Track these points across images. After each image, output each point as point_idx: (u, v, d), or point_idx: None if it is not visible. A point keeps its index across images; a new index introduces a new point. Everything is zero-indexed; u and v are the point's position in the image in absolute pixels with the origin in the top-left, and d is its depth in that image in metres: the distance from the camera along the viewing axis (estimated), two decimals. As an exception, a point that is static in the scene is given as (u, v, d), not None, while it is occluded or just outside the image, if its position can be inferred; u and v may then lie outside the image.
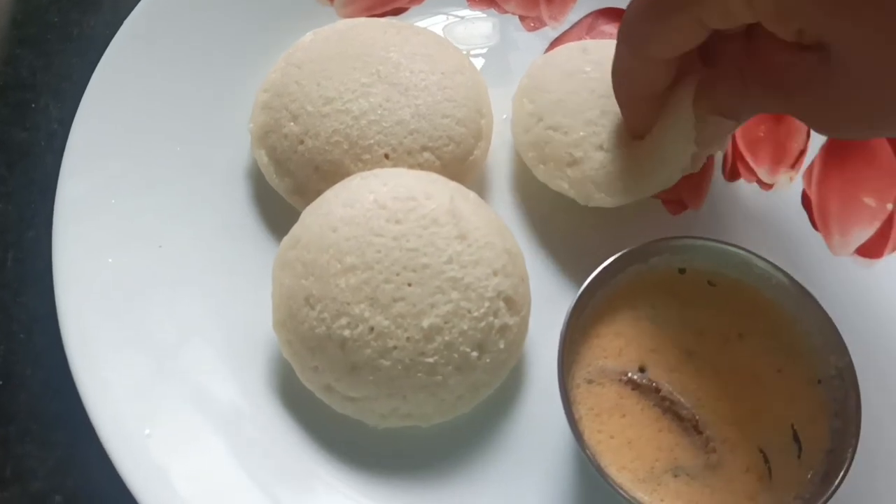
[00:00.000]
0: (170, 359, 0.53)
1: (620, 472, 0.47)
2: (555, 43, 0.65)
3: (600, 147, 0.54)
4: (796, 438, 0.48)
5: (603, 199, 0.54)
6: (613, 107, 0.54)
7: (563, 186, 0.56)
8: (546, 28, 0.66)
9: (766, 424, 0.49)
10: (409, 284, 0.49)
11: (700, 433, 0.48)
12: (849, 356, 0.48)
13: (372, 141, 0.54)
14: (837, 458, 0.47)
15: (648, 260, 0.52)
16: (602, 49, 0.58)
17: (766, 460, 0.48)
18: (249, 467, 0.50)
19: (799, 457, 0.48)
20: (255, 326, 0.54)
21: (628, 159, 0.54)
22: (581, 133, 0.55)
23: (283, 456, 0.51)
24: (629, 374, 0.50)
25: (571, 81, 0.57)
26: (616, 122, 0.55)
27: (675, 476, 0.47)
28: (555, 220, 0.59)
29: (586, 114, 0.55)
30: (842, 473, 0.46)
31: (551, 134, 0.56)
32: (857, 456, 0.46)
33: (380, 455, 0.51)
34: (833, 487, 0.45)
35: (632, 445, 0.48)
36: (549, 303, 0.54)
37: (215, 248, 0.57)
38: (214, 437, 0.51)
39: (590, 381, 0.49)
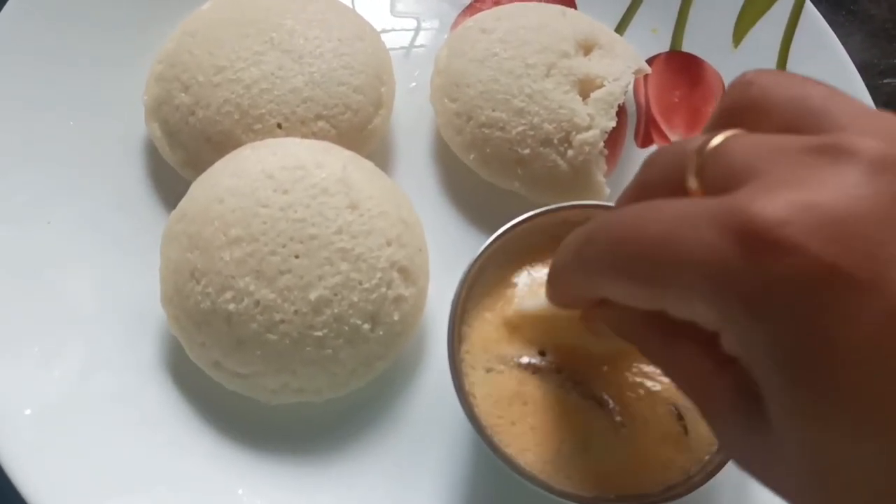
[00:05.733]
0: (57, 335, 0.51)
1: (522, 454, 0.45)
2: (466, 10, 0.64)
3: (546, 142, 0.53)
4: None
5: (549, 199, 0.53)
6: (536, 85, 0.53)
7: (514, 185, 0.55)
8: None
9: (676, 383, 0.47)
10: (296, 256, 0.47)
11: (608, 407, 0.46)
12: None
13: (264, 110, 0.52)
14: None
15: (549, 228, 0.49)
16: (501, 24, 0.56)
17: (681, 416, 0.46)
18: (134, 446, 0.49)
19: None
20: (147, 303, 0.52)
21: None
22: (519, 127, 0.53)
23: (174, 435, 0.50)
24: (528, 360, 0.47)
25: (485, 68, 0.55)
26: (547, 106, 0.53)
27: (586, 450, 0.45)
28: (460, 189, 0.58)
29: (513, 102, 0.54)
30: None
31: (486, 132, 0.54)
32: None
33: (272, 431, 0.50)
34: None
35: (535, 431, 0.46)
36: (451, 273, 0.52)
37: (107, 224, 0.55)
38: (100, 415, 0.49)
39: (488, 370, 0.47)
